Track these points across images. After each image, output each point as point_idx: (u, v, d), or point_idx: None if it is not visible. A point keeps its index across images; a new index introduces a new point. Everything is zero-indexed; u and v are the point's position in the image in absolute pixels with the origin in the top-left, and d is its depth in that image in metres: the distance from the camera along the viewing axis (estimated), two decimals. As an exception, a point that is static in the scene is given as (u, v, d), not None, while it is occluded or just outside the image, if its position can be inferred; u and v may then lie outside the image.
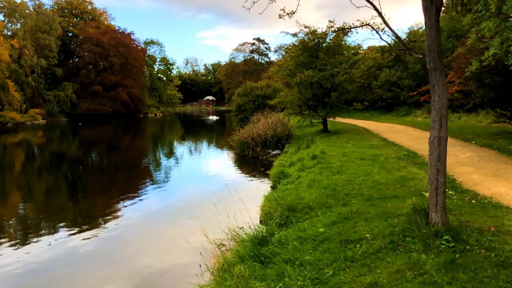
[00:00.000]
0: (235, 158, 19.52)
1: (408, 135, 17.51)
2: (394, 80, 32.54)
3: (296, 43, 20.67)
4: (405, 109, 31.82)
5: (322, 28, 18.47)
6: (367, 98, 39.00)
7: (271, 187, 10.78)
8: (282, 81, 40.55)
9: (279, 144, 18.95)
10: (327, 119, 20.84)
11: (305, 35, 20.15)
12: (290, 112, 21.69)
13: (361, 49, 22.42)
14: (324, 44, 20.41)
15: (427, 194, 7.22)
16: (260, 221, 7.70)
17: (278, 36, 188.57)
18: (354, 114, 30.32)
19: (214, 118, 66.79)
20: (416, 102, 29.87)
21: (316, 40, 20.36)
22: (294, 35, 20.77)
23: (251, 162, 17.78)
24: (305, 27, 20.21)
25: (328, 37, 19.94)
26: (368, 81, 34.69)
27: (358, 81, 21.67)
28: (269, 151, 18.47)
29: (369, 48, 41.58)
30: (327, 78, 19.00)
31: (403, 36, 37.39)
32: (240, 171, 16.11)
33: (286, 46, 23.67)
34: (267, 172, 14.85)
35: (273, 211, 6.98)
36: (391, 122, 26.65)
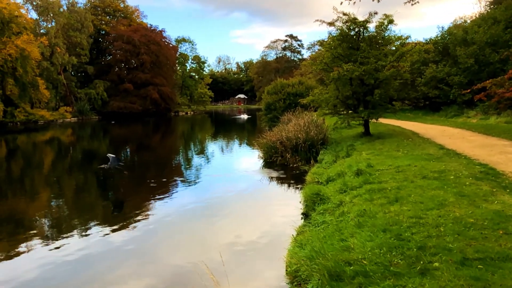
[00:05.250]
0: (262, 165, 17.04)
1: (468, 141, 14.49)
2: (442, 76, 29.04)
3: (334, 33, 17.96)
4: (455, 109, 28.29)
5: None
6: (410, 96, 35.51)
7: (303, 214, 8.21)
8: (316, 78, 37.79)
9: (312, 149, 16.29)
10: (369, 120, 17.99)
11: (343, 23, 17.44)
12: (325, 112, 18.95)
13: (408, 39, 19.28)
14: (367, 34, 17.61)
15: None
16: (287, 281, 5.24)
17: (312, 34, 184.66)
18: (395, 115, 27.19)
19: (245, 116, 64.60)
20: (468, 101, 26.40)
21: (357, 29, 17.65)
22: (331, 24, 18.04)
23: (279, 171, 15.25)
24: (344, 14, 17.53)
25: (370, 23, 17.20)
26: (412, 77, 31.26)
27: (406, 76, 18.65)
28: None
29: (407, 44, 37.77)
30: (370, 73, 16.21)
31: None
32: (265, 185, 13.57)
33: (321, 40, 20.83)
34: (298, 186, 12.33)
35: (305, 275, 4.50)
36: (440, 124, 23.43)
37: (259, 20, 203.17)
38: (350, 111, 18.20)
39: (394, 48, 18.63)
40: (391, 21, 17.54)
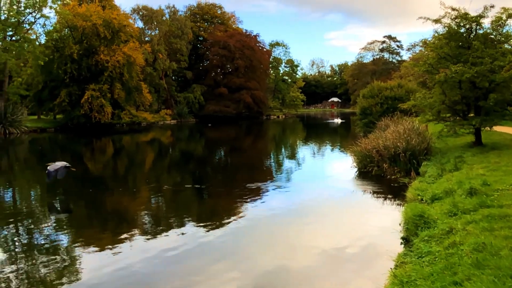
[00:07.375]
0: (355, 174, 15.93)
1: None
2: None
3: (440, 31, 16.18)
4: None
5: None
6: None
7: (403, 239, 7.14)
8: (417, 81, 35.03)
9: (413, 160, 14.73)
10: (481, 129, 15.85)
11: (452, 19, 15.61)
12: (428, 119, 17.11)
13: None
14: (480, 31, 15.56)
15: None
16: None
17: (412, 34, 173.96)
18: (507, 121, 23.90)
19: (339, 121, 62.48)
20: None
21: (468, 25, 15.69)
22: (436, 21, 16.28)
23: (375, 182, 14.04)
24: (453, 9, 15.71)
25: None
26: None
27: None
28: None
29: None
30: (484, 74, 14.21)
31: None
32: (358, 196, 12.51)
33: (424, 39, 18.99)
34: (396, 201, 11.12)
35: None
36: None
37: (355, 21, 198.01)
38: (457, 118, 16.23)
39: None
40: (511, 15, 15.29)
